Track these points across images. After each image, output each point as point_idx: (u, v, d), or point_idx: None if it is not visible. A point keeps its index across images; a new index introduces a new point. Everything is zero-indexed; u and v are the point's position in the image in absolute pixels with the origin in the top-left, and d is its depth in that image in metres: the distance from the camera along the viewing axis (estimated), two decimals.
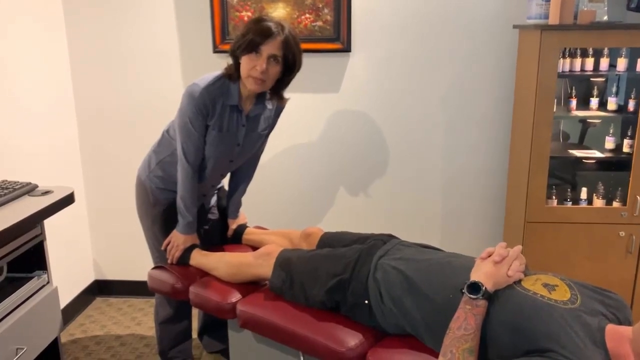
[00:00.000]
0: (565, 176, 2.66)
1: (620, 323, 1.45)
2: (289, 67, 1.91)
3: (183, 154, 1.99)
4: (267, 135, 2.18)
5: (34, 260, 1.96)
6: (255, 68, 1.84)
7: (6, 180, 2.00)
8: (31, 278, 1.93)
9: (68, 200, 1.96)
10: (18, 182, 1.98)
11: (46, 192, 1.95)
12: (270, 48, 1.83)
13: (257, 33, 1.83)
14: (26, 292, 1.86)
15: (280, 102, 2.07)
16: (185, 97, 1.93)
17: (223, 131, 1.97)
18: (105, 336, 2.79)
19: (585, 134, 2.68)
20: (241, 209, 2.36)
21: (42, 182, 2.09)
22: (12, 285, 1.86)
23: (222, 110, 1.94)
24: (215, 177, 2.18)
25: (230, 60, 1.94)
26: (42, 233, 1.95)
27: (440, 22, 2.67)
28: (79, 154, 2.99)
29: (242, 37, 1.87)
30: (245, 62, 1.86)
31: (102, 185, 3.03)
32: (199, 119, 1.92)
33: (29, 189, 1.95)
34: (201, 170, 2.07)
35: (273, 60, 1.86)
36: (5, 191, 1.87)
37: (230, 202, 2.32)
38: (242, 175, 2.29)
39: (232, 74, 1.93)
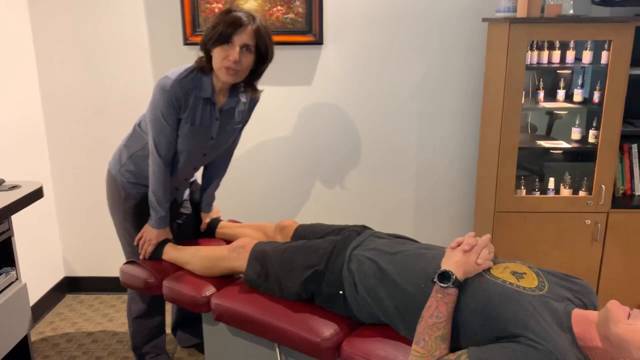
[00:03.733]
0: (533, 167, 2.72)
1: (586, 308, 1.49)
2: (261, 56, 1.91)
3: (155, 148, 1.97)
4: (241, 129, 2.17)
5: (1, 256, 1.92)
6: (228, 58, 1.83)
7: None
8: None
9: (36, 195, 1.92)
10: None
11: (13, 187, 1.91)
12: (242, 38, 1.83)
13: (228, 24, 1.82)
14: None
15: (254, 94, 2.06)
16: (156, 90, 1.90)
17: (196, 125, 1.95)
18: (76, 333, 2.74)
19: (553, 125, 2.74)
20: (214, 203, 2.35)
21: (8, 176, 2.04)
22: None
23: (195, 104, 1.92)
24: (188, 171, 2.16)
25: (200, 53, 1.93)
26: (10, 229, 1.91)
27: (411, 15, 2.69)
28: (47, 147, 2.93)
29: (212, 29, 1.85)
30: (217, 53, 1.85)
31: (71, 180, 2.97)
32: (172, 113, 1.90)
33: None
34: (174, 164, 2.05)
35: (245, 49, 1.85)
36: None
37: (203, 196, 2.31)
38: (216, 169, 2.27)
39: (204, 67, 1.91)
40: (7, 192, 1.87)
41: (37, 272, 2.83)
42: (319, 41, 2.70)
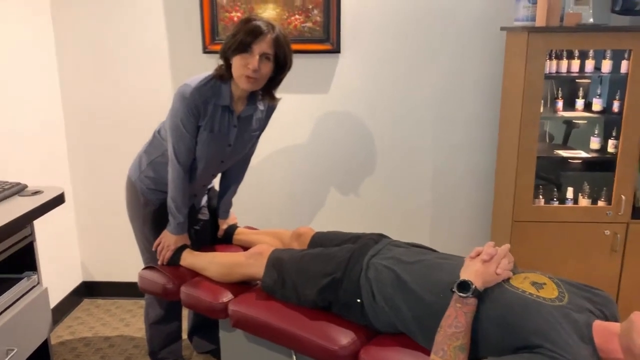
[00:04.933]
0: (551, 176, 2.70)
1: (607, 319, 1.48)
2: (280, 65, 1.92)
3: (174, 155, 1.99)
4: (258, 136, 2.19)
5: (23, 261, 1.94)
6: (247, 66, 1.85)
7: None
8: (21, 279, 1.91)
9: (58, 200, 1.95)
10: (7, 182, 1.97)
11: (36, 192, 1.94)
12: (261, 46, 1.84)
13: (248, 32, 1.84)
14: (16, 293, 1.84)
15: (272, 102, 2.08)
16: (176, 98, 1.93)
17: (214, 132, 1.97)
18: (93, 338, 2.77)
19: (570, 134, 2.72)
20: (231, 209, 2.36)
21: (29, 182, 2.07)
22: (2, 286, 1.84)
23: (214, 111, 1.94)
24: (207, 177, 2.18)
25: (220, 61, 1.95)
26: (32, 234, 1.94)
27: (429, 24, 2.70)
28: (67, 153, 2.97)
29: (232, 38, 1.87)
30: (237, 61, 1.87)
31: (90, 185, 3.01)
32: (191, 120, 1.92)
33: (19, 189, 1.94)
34: (192, 171, 2.07)
35: (265, 58, 1.87)
36: None
37: (221, 202, 2.32)
38: (233, 176, 2.29)
39: (223, 75, 1.93)
40: (31, 197, 1.90)
41: (55, 277, 2.86)
42: (336, 50, 2.72)
